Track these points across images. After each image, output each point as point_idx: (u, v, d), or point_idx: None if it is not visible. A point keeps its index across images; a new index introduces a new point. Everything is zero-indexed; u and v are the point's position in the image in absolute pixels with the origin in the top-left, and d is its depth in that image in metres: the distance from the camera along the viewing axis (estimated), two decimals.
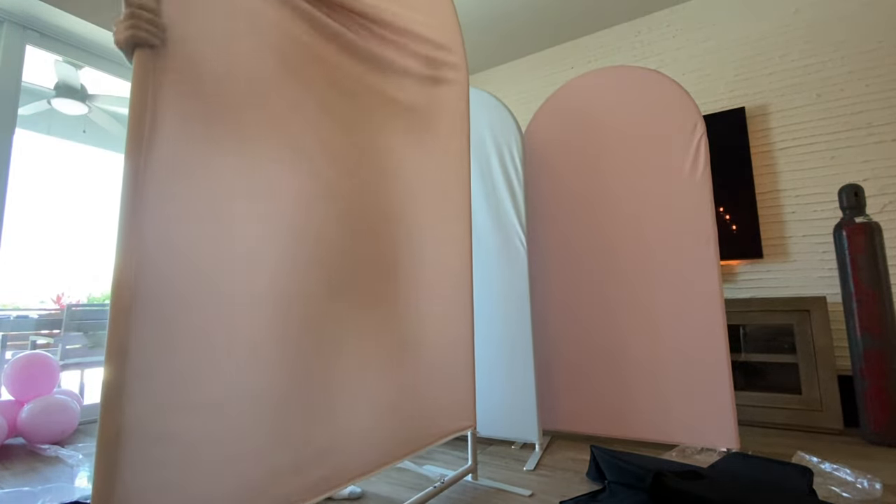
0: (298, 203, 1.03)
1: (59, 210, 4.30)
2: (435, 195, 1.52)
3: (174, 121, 0.81)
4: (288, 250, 0.99)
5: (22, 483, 1.64)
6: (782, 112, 2.67)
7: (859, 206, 2.13)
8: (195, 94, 0.84)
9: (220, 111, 0.89)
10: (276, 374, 0.94)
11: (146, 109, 0.77)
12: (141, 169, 0.75)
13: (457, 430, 1.52)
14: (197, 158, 0.84)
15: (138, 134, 0.76)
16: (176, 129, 0.81)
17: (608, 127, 2.21)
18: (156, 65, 0.79)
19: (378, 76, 1.31)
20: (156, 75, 0.78)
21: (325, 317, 1.06)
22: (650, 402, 1.98)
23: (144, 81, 0.77)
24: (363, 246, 1.20)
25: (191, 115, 0.84)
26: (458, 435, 1.54)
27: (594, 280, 2.16)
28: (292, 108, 1.03)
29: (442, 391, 1.46)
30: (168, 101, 0.80)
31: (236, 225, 0.90)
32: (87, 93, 3.47)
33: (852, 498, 1.38)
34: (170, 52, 0.81)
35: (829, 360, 2.14)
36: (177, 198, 0.80)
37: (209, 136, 0.86)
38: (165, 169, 0.79)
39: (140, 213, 0.75)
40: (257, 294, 0.92)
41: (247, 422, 0.87)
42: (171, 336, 0.77)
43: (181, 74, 0.82)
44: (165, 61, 0.80)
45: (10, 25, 2.53)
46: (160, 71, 0.79)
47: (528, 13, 3.17)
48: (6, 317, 2.84)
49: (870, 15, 2.51)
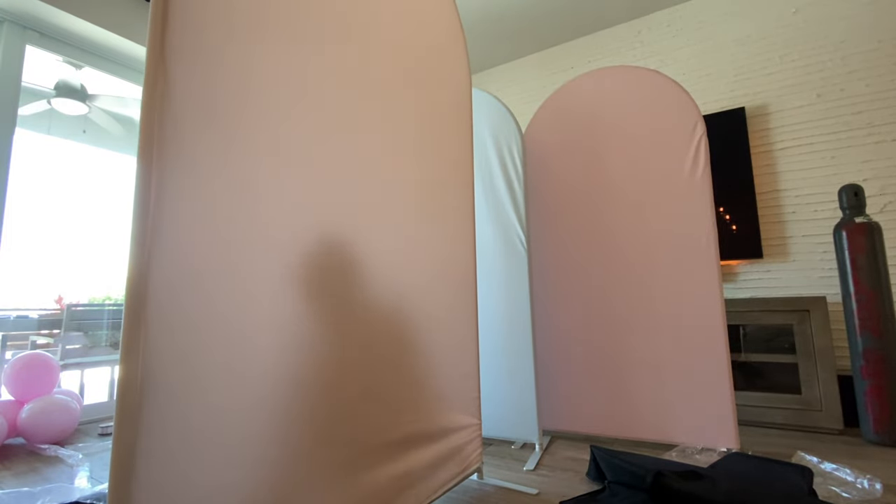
0: (309, 203, 1.04)
1: (60, 210, 4.30)
2: (438, 193, 1.52)
3: (189, 117, 0.81)
4: (304, 250, 1.01)
5: (22, 483, 1.64)
6: (782, 112, 2.67)
7: (859, 206, 2.13)
8: (211, 90, 0.85)
9: (237, 107, 0.90)
10: (293, 373, 0.95)
11: (156, 108, 0.77)
12: (154, 166, 0.76)
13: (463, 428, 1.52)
14: (213, 156, 0.85)
15: (150, 131, 0.76)
16: (191, 127, 0.82)
17: (608, 127, 2.21)
18: (169, 58, 0.79)
19: (388, 76, 1.33)
20: (168, 69, 0.79)
21: (339, 316, 1.07)
22: (650, 402, 1.98)
23: (155, 78, 0.77)
24: (379, 243, 1.23)
25: (207, 112, 0.84)
26: None
27: (594, 280, 2.16)
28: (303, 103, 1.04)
29: (448, 390, 1.46)
30: (182, 97, 0.80)
31: (254, 220, 0.92)
32: (87, 93, 3.47)
33: (852, 498, 1.38)
34: (186, 43, 0.81)
35: (828, 360, 2.14)
36: (192, 195, 0.81)
37: (225, 133, 0.87)
38: (180, 166, 0.80)
39: (155, 210, 0.75)
40: (277, 291, 0.94)
41: (266, 423, 0.89)
42: (188, 335, 0.78)
43: (196, 70, 0.83)
44: (180, 55, 0.81)
45: (10, 25, 2.53)
46: (173, 64, 0.80)
47: (528, 13, 3.17)
48: (6, 317, 2.84)
49: (870, 15, 2.51)
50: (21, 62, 2.57)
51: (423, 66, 1.51)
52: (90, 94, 3.49)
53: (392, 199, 1.32)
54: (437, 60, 1.59)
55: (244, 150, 0.91)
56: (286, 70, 1.02)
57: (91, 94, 3.49)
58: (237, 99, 0.90)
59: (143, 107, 0.76)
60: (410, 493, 1.23)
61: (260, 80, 0.96)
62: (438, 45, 1.61)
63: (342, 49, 1.19)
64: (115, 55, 3.00)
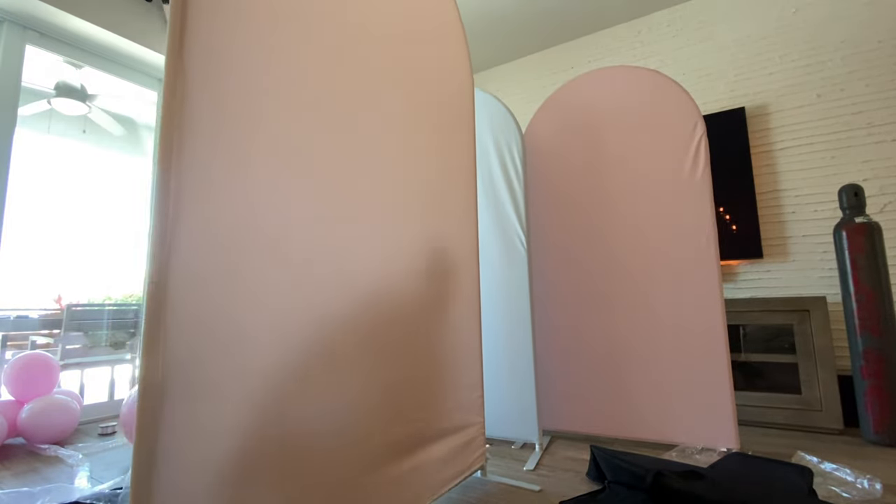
0: (316, 205, 1.06)
1: (59, 210, 4.30)
2: (443, 193, 1.53)
3: (205, 121, 0.83)
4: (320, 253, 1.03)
5: (22, 483, 1.64)
6: (782, 112, 2.67)
7: (859, 206, 2.13)
8: (226, 95, 0.87)
9: (253, 112, 0.92)
10: (301, 369, 0.96)
11: (175, 112, 0.78)
12: (173, 170, 0.77)
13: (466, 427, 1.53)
14: (229, 160, 0.87)
15: (169, 136, 0.78)
16: (206, 131, 0.83)
17: (608, 127, 2.21)
18: (186, 64, 0.80)
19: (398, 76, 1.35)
20: (186, 75, 0.80)
21: (345, 316, 1.08)
22: (650, 403, 1.98)
23: (174, 82, 0.79)
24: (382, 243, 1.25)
25: (221, 117, 0.86)
26: None
27: (594, 280, 2.16)
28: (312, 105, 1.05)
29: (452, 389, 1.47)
30: (199, 103, 0.82)
31: (269, 222, 0.94)
32: (87, 93, 3.47)
33: (852, 498, 1.38)
34: (201, 50, 0.83)
35: (828, 360, 2.14)
36: (209, 198, 0.83)
37: (241, 138, 0.89)
38: (197, 170, 0.81)
39: (174, 214, 0.77)
40: (288, 293, 0.96)
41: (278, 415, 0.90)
42: (204, 331, 0.80)
43: (213, 73, 0.84)
44: (197, 60, 0.82)
45: (10, 25, 2.53)
46: (190, 70, 0.81)
47: (528, 13, 3.17)
48: (6, 317, 2.83)
49: (870, 15, 2.51)
50: (21, 62, 2.57)
51: (425, 65, 1.51)
52: (90, 94, 3.49)
53: (401, 199, 1.34)
54: (438, 59, 1.59)
55: (255, 154, 0.93)
56: (294, 75, 1.04)
57: (91, 94, 3.49)
58: (250, 104, 0.92)
59: (162, 111, 0.77)
60: (417, 488, 1.25)
61: (270, 85, 0.97)
62: (440, 43, 1.61)
63: (347, 50, 1.19)
64: (115, 55, 3.00)
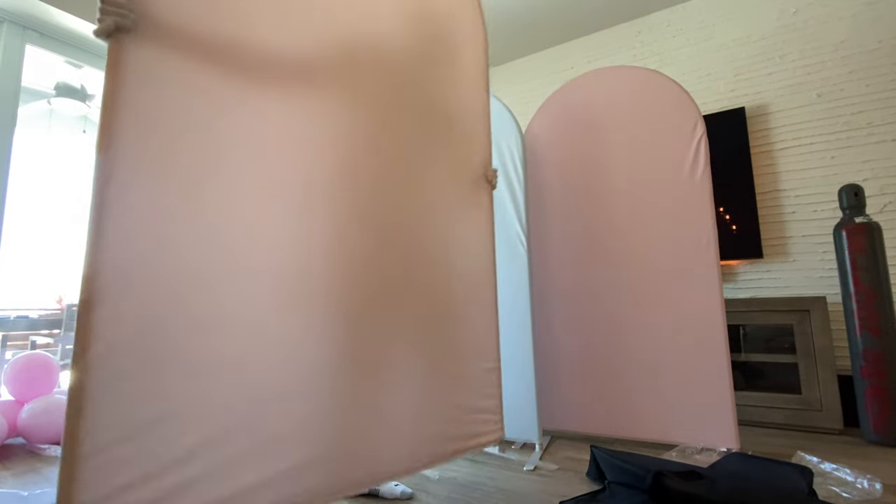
0: (304, 199, 1.04)
1: (60, 210, 4.30)
2: (450, 189, 1.53)
3: (147, 112, 0.80)
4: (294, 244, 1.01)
5: (22, 483, 1.64)
6: (782, 112, 2.67)
7: (859, 206, 2.13)
8: (171, 82, 0.84)
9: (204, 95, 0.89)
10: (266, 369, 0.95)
11: (116, 100, 0.77)
12: (109, 162, 0.75)
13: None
14: (171, 150, 0.84)
15: (109, 126, 0.75)
16: (149, 119, 0.81)
17: (608, 127, 2.21)
18: (131, 54, 0.78)
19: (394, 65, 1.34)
20: (131, 64, 0.78)
21: (339, 317, 1.08)
22: (650, 402, 1.98)
23: (117, 69, 0.77)
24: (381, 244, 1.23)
25: (167, 104, 0.83)
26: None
27: (594, 280, 2.16)
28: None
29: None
30: (141, 91, 0.80)
31: (222, 218, 0.90)
32: (87, 93, 3.47)
33: (852, 498, 1.38)
34: (147, 40, 0.81)
35: (828, 360, 2.14)
36: (149, 191, 0.80)
37: (188, 121, 0.86)
38: (134, 161, 0.78)
39: (110, 209, 0.74)
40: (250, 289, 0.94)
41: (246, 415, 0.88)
42: (157, 335, 0.78)
43: (158, 62, 0.82)
44: (143, 50, 0.80)
45: (10, 25, 2.53)
46: (136, 59, 0.79)
47: (528, 13, 3.17)
48: (6, 317, 2.83)
49: (870, 15, 2.51)
50: (21, 62, 2.57)
51: (442, 57, 1.52)
52: (90, 94, 3.49)
53: (415, 196, 1.34)
54: (452, 54, 1.59)
55: (208, 146, 0.89)
56: (282, 47, 1.02)
57: (91, 94, 3.49)
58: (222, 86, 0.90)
59: (103, 97, 0.76)
60: (437, 448, 1.29)
61: (248, 59, 0.95)
62: (455, 37, 1.61)
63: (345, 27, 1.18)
64: None
